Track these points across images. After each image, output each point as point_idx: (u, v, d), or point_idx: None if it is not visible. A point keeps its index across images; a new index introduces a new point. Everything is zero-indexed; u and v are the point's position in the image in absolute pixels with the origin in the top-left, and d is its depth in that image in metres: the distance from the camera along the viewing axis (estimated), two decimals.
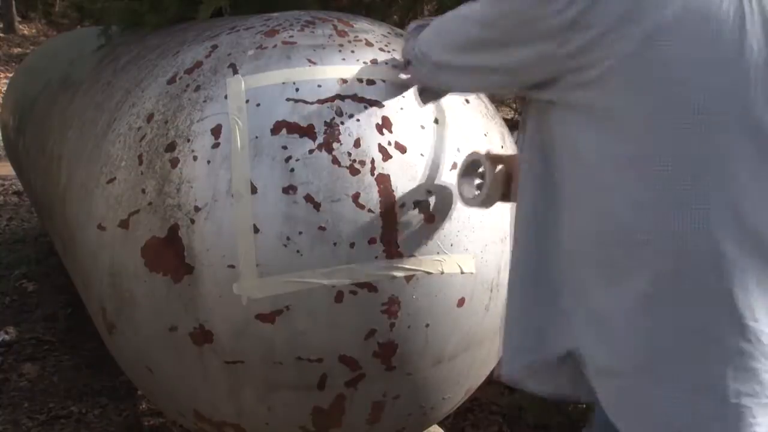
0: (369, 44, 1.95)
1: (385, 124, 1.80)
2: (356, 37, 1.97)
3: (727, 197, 1.12)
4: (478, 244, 1.87)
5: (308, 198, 1.72)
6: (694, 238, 1.12)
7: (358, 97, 1.81)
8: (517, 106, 4.77)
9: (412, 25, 1.74)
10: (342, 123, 1.78)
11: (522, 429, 2.91)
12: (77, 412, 3.04)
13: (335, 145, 1.75)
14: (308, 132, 1.76)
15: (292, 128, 1.76)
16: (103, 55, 2.91)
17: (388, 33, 2.09)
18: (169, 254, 1.76)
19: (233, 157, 1.74)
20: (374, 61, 1.88)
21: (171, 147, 1.81)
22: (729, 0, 1.10)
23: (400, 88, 1.84)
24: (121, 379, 3.15)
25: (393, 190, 1.77)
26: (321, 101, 1.79)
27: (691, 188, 1.11)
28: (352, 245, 1.73)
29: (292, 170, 1.73)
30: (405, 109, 1.84)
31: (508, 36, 1.26)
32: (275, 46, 1.90)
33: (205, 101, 1.82)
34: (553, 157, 1.27)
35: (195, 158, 1.77)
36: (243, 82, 1.81)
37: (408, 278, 1.78)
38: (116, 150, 1.94)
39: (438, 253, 1.80)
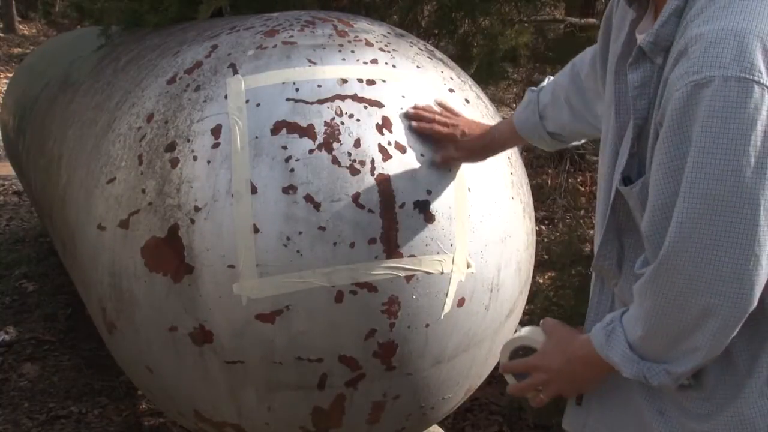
0: (369, 44, 1.95)
1: (385, 124, 1.80)
2: (356, 37, 1.97)
3: None
4: (478, 244, 1.87)
5: (308, 198, 1.72)
6: None
7: (358, 97, 1.81)
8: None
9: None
10: (342, 123, 1.77)
11: (522, 429, 2.91)
12: (77, 412, 3.04)
13: (335, 145, 1.75)
14: (308, 132, 1.76)
15: (292, 128, 1.76)
16: (103, 55, 2.91)
17: (388, 33, 2.09)
18: (169, 254, 1.76)
19: (233, 157, 1.74)
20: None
21: (171, 147, 1.81)
22: None
23: None
24: (121, 379, 3.16)
25: (393, 190, 1.77)
26: (321, 101, 1.79)
27: None
28: (352, 245, 1.73)
29: (292, 170, 1.73)
30: (405, 109, 1.84)
31: None
32: (275, 46, 1.90)
33: (205, 101, 1.82)
34: None
35: (195, 158, 1.77)
36: (243, 82, 1.81)
37: (408, 278, 1.78)
38: (116, 150, 1.94)
39: (438, 253, 1.80)
